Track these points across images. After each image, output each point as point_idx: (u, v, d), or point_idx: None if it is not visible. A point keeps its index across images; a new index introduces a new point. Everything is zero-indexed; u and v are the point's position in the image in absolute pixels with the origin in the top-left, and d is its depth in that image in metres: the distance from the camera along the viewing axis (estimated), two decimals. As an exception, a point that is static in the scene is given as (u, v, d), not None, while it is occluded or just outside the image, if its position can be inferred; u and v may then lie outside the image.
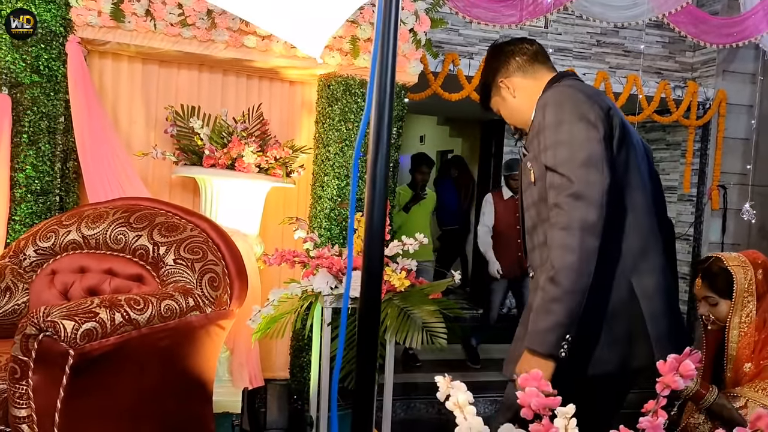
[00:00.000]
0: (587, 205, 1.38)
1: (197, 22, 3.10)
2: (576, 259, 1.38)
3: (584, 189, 1.39)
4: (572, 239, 1.38)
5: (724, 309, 2.01)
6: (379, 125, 0.84)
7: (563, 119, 1.47)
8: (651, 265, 1.50)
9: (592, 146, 1.43)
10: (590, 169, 1.41)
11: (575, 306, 1.39)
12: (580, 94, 1.51)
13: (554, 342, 1.39)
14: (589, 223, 1.38)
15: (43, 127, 2.98)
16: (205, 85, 3.50)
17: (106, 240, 2.56)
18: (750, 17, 4.58)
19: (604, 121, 1.47)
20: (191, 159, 3.15)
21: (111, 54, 3.31)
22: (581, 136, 1.44)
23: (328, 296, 2.41)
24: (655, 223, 1.56)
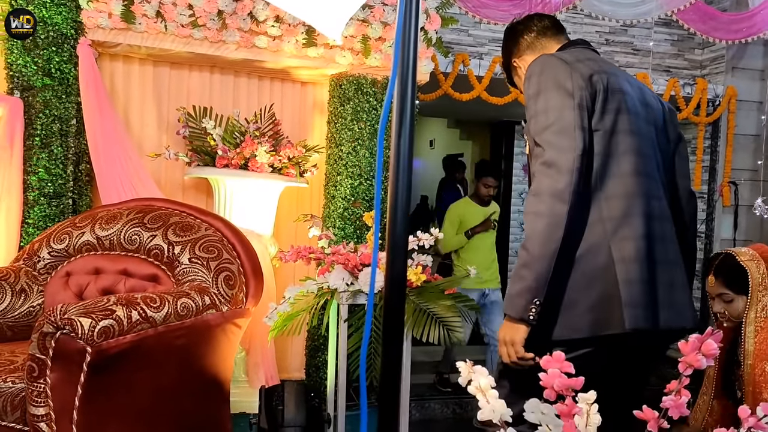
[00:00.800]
0: (557, 172, 1.40)
1: (208, 23, 3.10)
2: (544, 225, 1.40)
3: (555, 156, 1.41)
4: (541, 205, 1.41)
5: (740, 305, 1.97)
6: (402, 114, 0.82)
7: (541, 89, 1.49)
8: (633, 231, 1.46)
9: (565, 114, 1.44)
10: (561, 136, 1.42)
11: (543, 271, 1.40)
12: (558, 62, 1.52)
13: (523, 306, 1.41)
14: (557, 189, 1.39)
15: (55, 130, 2.98)
16: (217, 87, 3.50)
17: (121, 241, 2.55)
18: (759, 13, 4.56)
19: (584, 88, 1.47)
20: (204, 160, 3.14)
21: (122, 56, 3.31)
22: (555, 104, 1.46)
23: (344, 293, 2.38)
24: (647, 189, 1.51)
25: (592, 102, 1.48)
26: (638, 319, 1.42)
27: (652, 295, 1.46)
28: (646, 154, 1.54)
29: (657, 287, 1.47)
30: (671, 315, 1.48)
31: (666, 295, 1.49)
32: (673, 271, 1.53)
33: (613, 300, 1.43)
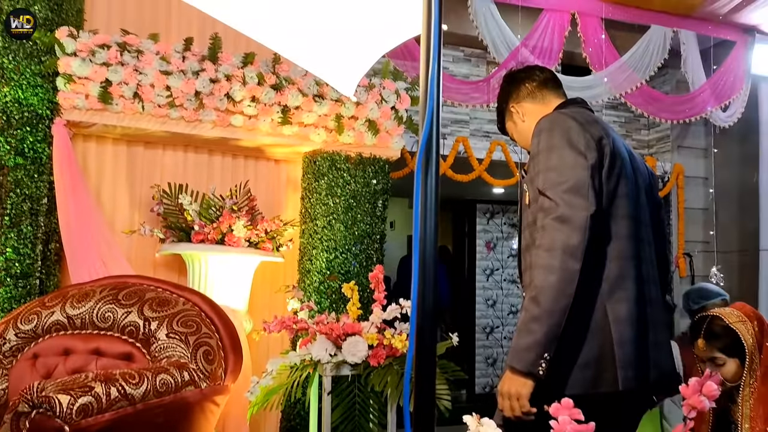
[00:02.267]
0: (571, 229, 1.43)
1: (185, 103, 3.17)
2: (557, 280, 1.41)
3: (569, 213, 1.44)
4: (554, 260, 1.42)
5: (733, 368, 1.96)
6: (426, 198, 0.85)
7: (554, 145, 1.53)
8: (626, 293, 1.52)
9: (579, 173, 1.48)
10: (575, 195, 1.46)
11: (554, 326, 1.41)
12: (572, 122, 1.57)
13: (533, 360, 1.41)
14: (571, 246, 1.42)
15: (25, 209, 2.92)
16: (191, 166, 3.53)
17: (93, 319, 2.46)
18: (699, 95, 4.95)
19: (594, 149, 1.53)
20: (178, 236, 3.11)
21: (95, 136, 3.33)
22: (569, 162, 1.50)
23: (328, 364, 2.34)
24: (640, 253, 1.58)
25: (600, 165, 1.53)
26: (630, 380, 1.47)
27: (644, 357, 1.52)
28: (641, 219, 1.61)
29: (648, 348, 1.53)
30: (658, 376, 1.55)
31: (655, 355, 1.55)
32: (660, 332, 1.59)
33: (606, 359, 1.47)
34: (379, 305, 2.52)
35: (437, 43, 0.84)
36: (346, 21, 1.03)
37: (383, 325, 2.50)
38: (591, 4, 4.56)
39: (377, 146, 3.55)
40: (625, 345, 1.48)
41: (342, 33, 1.04)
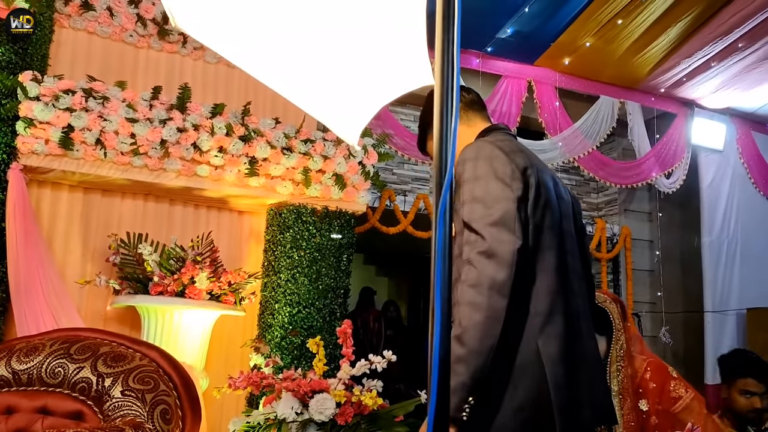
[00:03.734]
0: (497, 264, 1.35)
1: (150, 151, 3.11)
2: (483, 318, 1.33)
3: (496, 247, 1.36)
4: (480, 297, 1.34)
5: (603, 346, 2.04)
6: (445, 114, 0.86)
7: (479, 175, 1.45)
8: (557, 329, 1.44)
9: (505, 205, 1.41)
10: (502, 228, 1.38)
11: (480, 367, 1.32)
12: (497, 151, 1.49)
13: (456, 404, 1.31)
14: (498, 282, 1.34)
15: (-28, 256, 2.76)
16: (151, 215, 3.43)
17: (41, 375, 2.30)
18: (644, 162, 5.24)
19: (519, 180, 1.46)
20: (135, 287, 2.99)
21: (51, 183, 3.21)
22: (495, 194, 1.42)
23: (294, 423, 2.25)
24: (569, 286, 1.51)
25: (525, 196, 1.46)
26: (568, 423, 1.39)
27: (577, 397, 1.44)
28: (567, 249, 1.53)
29: (579, 388, 1.45)
30: (594, 413, 1.48)
31: (587, 394, 1.47)
32: (593, 369, 1.52)
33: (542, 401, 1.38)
34: (347, 361, 2.46)
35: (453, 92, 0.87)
36: (351, 69, 1.05)
37: (351, 381, 2.44)
38: (546, 73, 4.82)
39: (343, 200, 3.56)
40: (561, 388, 1.40)
41: (347, 81, 1.05)
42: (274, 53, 0.98)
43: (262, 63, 0.98)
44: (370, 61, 1.04)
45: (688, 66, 4.73)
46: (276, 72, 0.99)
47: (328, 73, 1.03)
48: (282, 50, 0.99)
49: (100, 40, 3.50)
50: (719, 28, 4.25)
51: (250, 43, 0.95)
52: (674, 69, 4.79)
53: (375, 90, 1.07)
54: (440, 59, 0.88)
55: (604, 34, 4.31)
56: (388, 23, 1.13)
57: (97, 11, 3.43)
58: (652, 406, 1.95)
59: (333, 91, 1.05)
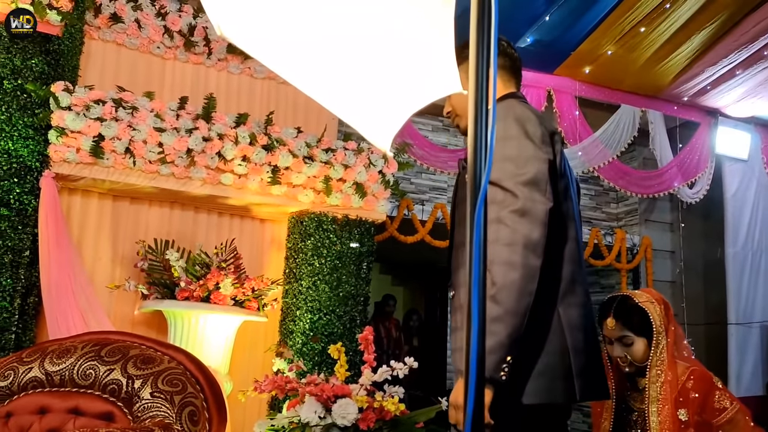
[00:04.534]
0: (531, 223, 1.32)
1: (176, 160, 3.19)
2: (519, 277, 1.30)
3: (530, 206, 1.33)
4: (516, 256, 1.30)
5: (641, 347, 1.95)
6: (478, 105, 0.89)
7: (511, 134, 1.42)
8: (577, 299, 1.44)
9: (538, 165, 1.39)
10: (535, 188, 1.36)
11: (517, 326, 1.29)
12: (529, 112, 1.48)
13: (495, 364, 1.28)
14: (533, 241, 1.32)
15: (6, 261, 2.85)
16: (176, 222, 3.51)
17: (73, 376, 2.37)
18: (666, 171, 5.21)
19: (548, 143, 1.45)
20: (162, 293, 3.06)
21: (81, 190, 3.31)
22: (528, 153, 1.40)
23: (317, 427, 2.28)
24: (582, 257, 1.51)
25: (553, 161, 1.45)
26: (586, 390, 1.41)
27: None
28: (577, 220, 1.54)
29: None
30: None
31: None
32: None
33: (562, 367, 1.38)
34: (369, 367, 2.49)
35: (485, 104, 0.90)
36: (382, 77, 1.09)
37: (372, 387, 2.47)
38: (565, 82, 4.83)
39: (363, 209, 3.61)
40: (580, 353, 1.40)
41: (378, 88, 1.10)
42: (310, 61, 1.03)
43: (300, 70, 1.03)
44: (399, 68, 1.08)
45: (712, 74, 4.72)
46: (312, 79, 1.04)
47: (360, 80, 1.07)
48: (317, 57, 1.04)
49: (129, 51, 3.60)
50: (744, 36, 4.23)
51: (288, 52, 1.00)
52: (698, 77, 4.77)
53: (405, 97, 1.11)
54: (474, 66, 0.92)
55: (627, 42, 4.32)
56: (417, 30, 1.18)
57: (125, 23, 3.53)
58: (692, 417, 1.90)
59: (365, 98, 1.09)
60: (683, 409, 1.90)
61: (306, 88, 1.03)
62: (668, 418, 1.90)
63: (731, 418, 1.91)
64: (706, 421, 1.92)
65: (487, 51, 0.93)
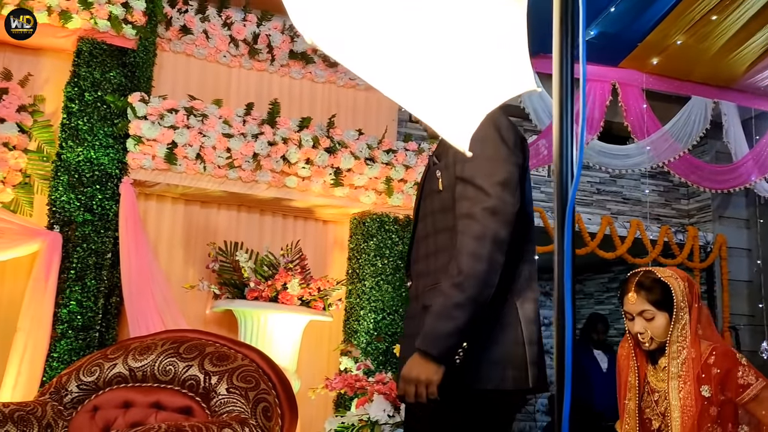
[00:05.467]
0: (500, 222, 1.42)
1: (243, 164, 3.30)
2: (484, 269, 1.40)
3: (500, 206, 1.43)
4: (484, 250, 1.40)
5: (662, 322, 1.88)
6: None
7: (487, 136, 1.50)
8: (533, 294, 1.54)
9: (511, 168, 1.48)
10: (506, 189, 1.45)
11: (476, 315, 1.40)
12: (503, 118, 1.56)
13: (450, 347, 1.39)
14: (500, 238, 1.41)
15: (90, 263, 3.03)
16: (244, 225, 3.63)
17: (154, 372, 2.49)
18: (742, 165, 4.97)
19: (519, 148, 1.54)
20: (233, 293, 3.17)
21: (156, 195, 3.47)
22: (502, 155, 1.48)
23: (386, 425, 2.31)
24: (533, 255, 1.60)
25: (523, 165, 1.55)
26: (538, 379, 1.49)
27: (543, 357, 1.55)
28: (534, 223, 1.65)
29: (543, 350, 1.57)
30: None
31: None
32: None
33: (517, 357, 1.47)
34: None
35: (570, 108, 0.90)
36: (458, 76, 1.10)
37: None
38: (632, 75, 4.69)
39: (426, 209, 3.62)
40: (534, 344, 1.49)
41: (455, 88, 1.11)
42: (390, 62, 1.06)
43: (381, 72, 1.05)
44: (476, 66, 1.09)
45: (789, 62, 4.48)
46: (392, 80, 1.07)
47: (438, 80, 1.09)
48: (397, 58, 1.06)
49: (197, 61, 3.75)
50: (823, 21, 4.00)
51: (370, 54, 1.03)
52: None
53: (480, 96, 1.12)
54: (558, 68, 0.92)
55: (697, 31, 4.15)
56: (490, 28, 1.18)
57: (194, 34, 3.68)
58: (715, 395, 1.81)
59: (443, 98, 1.11)
60: (706, 386, 1.82)
61: (387, 90, 1.06)
62: (690, 395, 1.82)
63: (757, 395, 1.80)
64: (730, 400, 1.82)
65: (570, 52, 0.93)
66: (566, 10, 0.97)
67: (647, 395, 1.97)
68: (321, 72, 3.92)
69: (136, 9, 3.31)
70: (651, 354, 1.97)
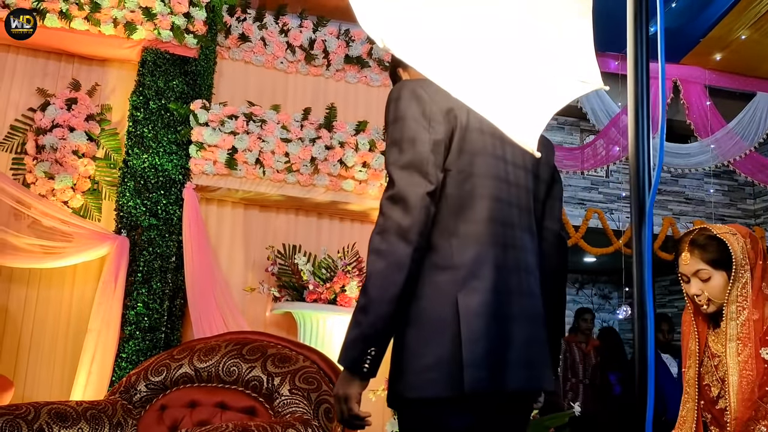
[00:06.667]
0: (403, 209, 1.26)
1: (301, 168, 3.35)
2: (385, 266, 1.25)
3: (403, 191, 1.27)
4: (384, 244, 1.26)
5: (720, 282, 1.73)
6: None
7: (397, 116, 1.36)
8: (482, 283, 1.32)
9: (419, 147, 1.32)
10: (412, 171, 1.29)
11: (381, 317, 1.24)
12: (420, 90, 1.39)
13: (357, 356, 1.24)
14: (403, 227, 1.25)
15: (156, 267, 3.12)
16: (302, 228, 3.68)
17: (219, 372, 2.55)
18: (814, 162, 4.74)
19: (441, 122, 1.36)
20: (292, 295, 3.22)
21: (217, 200, 3.55)
22: (410, 135, 1.33)
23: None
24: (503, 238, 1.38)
25: (449, 138, 1.37)
26: (480, 381, 1.26)
27: (501, 355, 1.31)
28: (506, 200, 1.42)
29: (510, 345, 1.32)
30: (528, 375, 1.34)
31: (524, 353, 1.34)
32: (534, 328, 1.39)
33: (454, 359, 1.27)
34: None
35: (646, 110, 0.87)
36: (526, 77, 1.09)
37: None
38: (693, 72, 4.54)
39: (482, 211, 3.58)
40: (476, 342, 1.28)
41: (523, 89, 1.10)
42: (461, 64, 1.05)
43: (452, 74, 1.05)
44: (542, 66, 1.08)
45: None
46: (462, 81, 1.06)
47: (506, 80, 1.08)
48: (467, 60, 1.05)
49: (255, 68, 3.83)
50: None
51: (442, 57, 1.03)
52: None
53: (548, 95, 1.10)
54: (633, 68, 0.90)
55: (763, 25, 3.99)
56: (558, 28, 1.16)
57: (252, 42, 3.76)
58: None
59: (511, 98, 1.10)
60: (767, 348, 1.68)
61: (456, 91, 1.05)
62: (750, 358, 1.69)
63: None
64: None
65: (645, 51, 0.90)
66: (640, 7, 0.94)
67: (707, 360, 1.86)
68: (376, 76, 3.94)
69: (198, 19, 3.40)
70: (712, 317, 1.84)
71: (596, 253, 4.97)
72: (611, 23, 4.08)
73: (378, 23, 1.00)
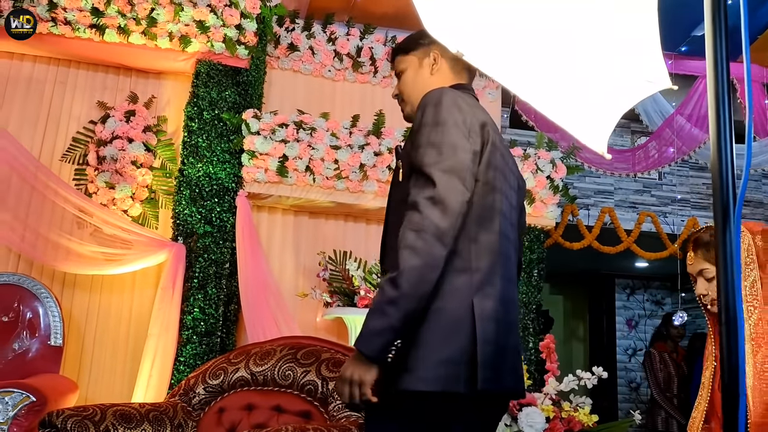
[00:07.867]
0: (442, 212, 1.33)
1: (350, 175, 3.38)
2: (421, 264, 1.31)
3: (444, 195, 1.34)
4: (420, 242, 1.31)
5: None
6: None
7: (440, 121, 1.43)
8: (494, 290, 1.41)
9: (461, 155, 1.39)
10: (453, 177, 1.36)
11: (411, 311, 1.31)
12: (461, 101, 1.48)
13: (382, 346, 1.30)
14: (441, 229, 1.32)
15: (211, 273, 3.20)
16: (350, 234, 3.71)
17: (274, 376, 2.59)
18: None
19: (478, 134, 1.45)
20: (343, 301, 3.25)
21: (268, 207, 3.62)
22: (451, 140, 1.40)
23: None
24: (507, 251, 1.49)
25: (481, 151, 1.45)
26: (490, 381, 1.35)
27: (502, 358, 1.41)
28: (508, 216, 1.52)
29: (506, 352, 1.43)
30: (516, 378, 1.46)
31: (514, 359, 1.45)
32: (517, 336, 1.52)
33: (468, 357, 1.35)
34: (552, 375, 2.44)
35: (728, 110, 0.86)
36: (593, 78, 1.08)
37: (557, 397, 2.41)
38: (752, 70, 4.39)
39: (532, 215, 3.55)
40: (488, 344, 1.37)
41: (590, 90, 1.09)
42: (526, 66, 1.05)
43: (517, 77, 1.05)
44: (610, 68, 1.07)
45: None
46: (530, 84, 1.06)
47: (574, 82, 1.07)
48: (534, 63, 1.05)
49: (304, 76, 3.90)
50: None
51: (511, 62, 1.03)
52: None
53: (616, 97, 1.09)
54: (712, 68, 0.88)
55: (825, 19, 3.83)
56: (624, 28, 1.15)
57: (301, 51, 3.83)
58: None
59: (579, 101, 1.09)
60: None
61: (524, 95, 1.05)
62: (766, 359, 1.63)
63: None
64: None
65: (725, 50, 0.88)
66: (718, 6, 0.92)
67: None
68: (422, 82, 3.95)
69: (248, 30, 3.48)
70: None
71: (650, 257, 4.84)
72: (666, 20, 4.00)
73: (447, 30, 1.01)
